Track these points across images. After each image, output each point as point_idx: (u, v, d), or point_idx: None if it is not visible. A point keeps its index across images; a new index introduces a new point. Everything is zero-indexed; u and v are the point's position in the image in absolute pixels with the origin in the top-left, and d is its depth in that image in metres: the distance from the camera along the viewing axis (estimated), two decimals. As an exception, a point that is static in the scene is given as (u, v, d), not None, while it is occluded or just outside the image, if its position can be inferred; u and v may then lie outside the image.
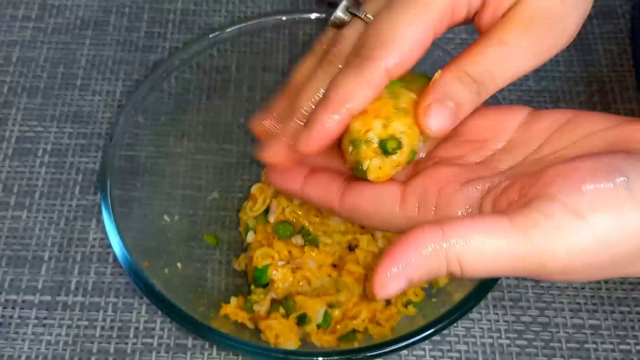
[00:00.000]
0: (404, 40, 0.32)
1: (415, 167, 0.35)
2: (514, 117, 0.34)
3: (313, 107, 0.34)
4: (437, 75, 0.33)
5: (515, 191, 0.30)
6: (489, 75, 0.32)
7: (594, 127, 0.32)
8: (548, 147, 0.32)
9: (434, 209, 0.32)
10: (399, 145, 0.33)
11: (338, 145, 0.35)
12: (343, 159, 0.35)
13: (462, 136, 0.35)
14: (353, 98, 0.32)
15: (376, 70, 0.32)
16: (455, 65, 0.33)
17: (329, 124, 0.32)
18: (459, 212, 0.32)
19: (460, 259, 0.27)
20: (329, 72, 0.34)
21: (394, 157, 0.33)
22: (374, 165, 0.34)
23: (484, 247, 0.27)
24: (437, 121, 0.32)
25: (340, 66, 0.34)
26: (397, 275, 0.28)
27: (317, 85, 0.35)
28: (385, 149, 0.33)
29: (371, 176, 0.34)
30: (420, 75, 0.35)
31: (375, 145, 0.33)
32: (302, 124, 0.34)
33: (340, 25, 0.36)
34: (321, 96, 0.34)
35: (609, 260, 0.27)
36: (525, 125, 0.34)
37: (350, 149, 0.34)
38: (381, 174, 0.34)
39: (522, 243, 0.27)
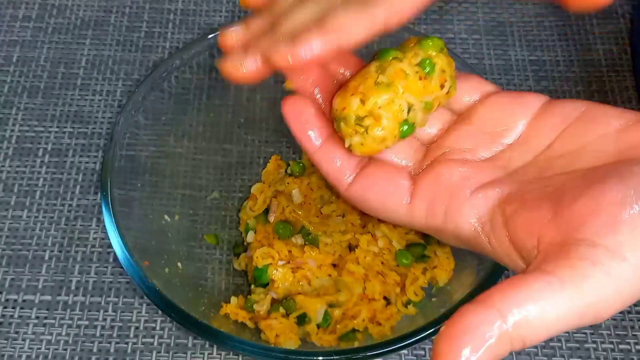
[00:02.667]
0: None
1: (427, 154, 0.35)
2: (528, 108, 0.34)
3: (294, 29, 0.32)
4: None
5: (533, 221, 0.29)
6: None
7: (606, 128, 0.31)
8: (558, 146, 0.32)
9: (442, 219, 0.32)
10: (379, 121, 0.33)
11: None
12: None
13: (474, 124, 0.35)
14: (346, 31, 0.31)
15: (377, 16, 0.31)
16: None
17: (315, 44, 0.30)
18: (470, 226, 0.31)
19: (523, 335, 0.26)
20: (320, 5, 0.32)
21: (377, 133, 0.33)
22: (355, 142, 0.34)
23: (542, 317, 0.26)
24: None
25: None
26: None
27: (305, 11, 0.33)
28: (362, 126, 0.33)
29: (356, 152, 0.34)
30: (430, 39, 0.34)
31: (353, 122, 0.33)
32: (281, 40, 0.32)
33: None
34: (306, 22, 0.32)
35: None
36: (537, 119, 0.33)
37: (334, 125, 0.34)
38: (365, 149, 0.34)
39: (578, 300, 0.26)
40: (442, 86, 0.34)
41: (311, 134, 0.35)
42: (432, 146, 0.36)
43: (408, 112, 0.34)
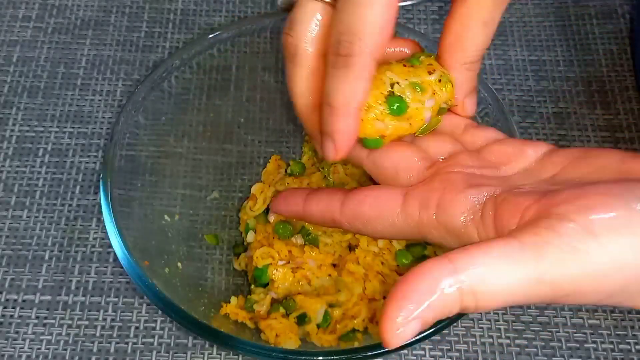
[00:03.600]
0: (374, 25, 0.31)
1: (429, 169, 0.35)
2: (535, 151, 0.34)
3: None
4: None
5: (520, 204, 0.29)
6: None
7: (607, 160, 0.31)
8: (562, 176, 0.32)
9: (435, 211, 0.32)
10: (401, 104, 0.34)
11: None
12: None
13: (481, 155, 0.35)
14: (355, 96, 0.32)
15: (363, 64, 0.32)
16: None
17: (348, 127, 0.33)
18: (461, 216, 0.31)
19: (475, 291, 0.26)
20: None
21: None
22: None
23: (497, 275, 0.26)
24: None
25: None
26: (409, 320, 0.25)
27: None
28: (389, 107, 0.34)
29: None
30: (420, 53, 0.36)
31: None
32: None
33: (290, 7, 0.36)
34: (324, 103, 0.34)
35: (620, 286, 0.26)
36: (542, 158, 0.34)
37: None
38: (361, 126, 0.34)
39: (535, 265, 0.26)
40: (430, 73, 0.35)
41: (294, 200, 0.38)
42: (433, 166, 0.36)
43: (392, 87, 0.34)
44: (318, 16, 0.34)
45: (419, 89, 0.34)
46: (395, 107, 0.34)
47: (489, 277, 0.26)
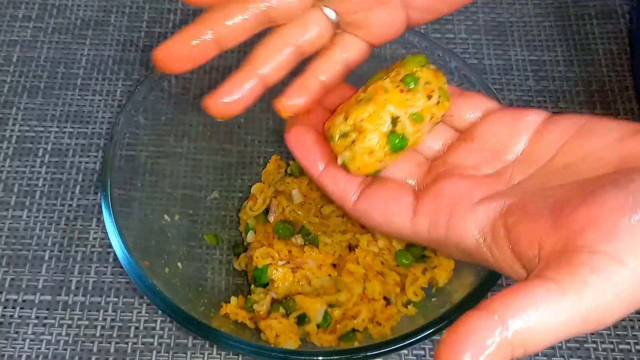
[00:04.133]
0: None
1: (430, 170, 0.36)
2: (528, 125, 0.34)
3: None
4: None
5: (535, 232, 0.29)
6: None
7: (604, 139, 0.32)
8: (559, 159, 0.33)
9: (445, 231, 0.33)
10: (363, 134, 0.33)
11: None
12: None
13: (476, 142, 0.35)
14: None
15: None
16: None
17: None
18: (473, 238, 0.32)
19: (525, 343, 0.25)
20: None
21: (364, 145, 0.34)
22: (347, 157, 0.34)
23: (544, 324, 0.25)
24: None
25: None
26: None
27: None
28: (347, 140, 0.34)
29: (351, 169, 0.35)
30: (412, 56, 0.35)
31: (338, 138, 0.34)
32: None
33: None
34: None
35: None
36: (538, 135, 0.34)
37: (330, 147, 0.35)
38: (357, 164, 0.34)
39: (579, 306, 0.26)
40: (429, 97, 0.34)
41: (314, 159, 0.37)
42: (436, 162, 0.36)
43: (394, 124, 0.34)
44: None
45: (418, 119, 0.34)
46: (397, 143, 0.34)
47: (536, 328, 0.25)
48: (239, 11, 0.35)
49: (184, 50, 0.35)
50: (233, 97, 0.35)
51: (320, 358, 0.36)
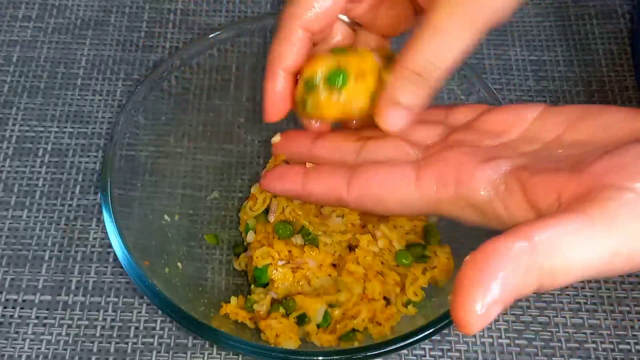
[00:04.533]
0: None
1: (427, 150, 0.35)
2: (529, 112, 0.34)
3: None
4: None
5: (553, 181, 0.28)
6: (429, 66, 0.33)
7: (611, 119, 0.31)
8: (568, 136, 0.32)
9: (454, 187, 0.31)
10: (342, 78, 0.35)
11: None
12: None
13: (476, 127, 0.35)
14: (284, 57, 0.35)
15: (293, 28, 0.35)
16: (399, 62, 0.34)
17: (277, 87, 0.36)
18: (482, 190, 0.30)
19: (554, 270, 0.24)
20: None
21: (322, 88, 0.35)
22: (310, 105, 0.36)
23: (575, 252, 0.24)
24: (394, 123, 0.34)
25: None
26: (489, 304, 0.24)
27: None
28: (329, 81, 0.35)
29: (312, 113, 0.36)
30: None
31: (320, 81, 0.35)
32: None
33: None
34: None
35: None
36: (540, 118, 0.33)
37: (298, 94, 0.36)
38: (315, 109, 0.36)
39: (609, 239, 0.25)
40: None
41: (291, 180, 0.37)
42: (434, 143, 0.35)
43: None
44: None
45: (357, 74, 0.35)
46: (340, 80, 0.35)
47: (567, 255, 0.24)
48: (291, 46, 0.36)
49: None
50: None
51: (320, 358, 0.36)
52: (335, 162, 0.36)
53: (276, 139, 0.39)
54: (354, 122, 0.38)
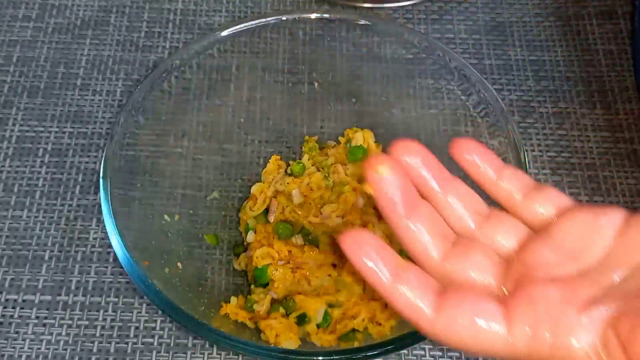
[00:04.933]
0: None
1: (509, 270, 0.32)
2: (609, 223, 0.31)
3: None
4: None
5: None
6: None
7: None
8: None
9: (550, 342, 0.29)
10: None
11: None
12: None
13: (555, 241, 0.32)
14: None
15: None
16: None
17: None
18: (582, 348, 0.28)
19: None
20: None
21: None
22: None
23: None
24: None
25: None
26: None
27: None
28: None
29: None
30: None
31: None
32: None
33: None
34: None
35: None
36: (622, 234, 0.31)
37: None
38: None
39: None
40: None
41: (376, 268, 0.31)
42: (514, 262, 0.32)
43: None
44: None
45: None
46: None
47: None
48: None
49: None
50: None
51: (320, 358, 0.36)
52: (410, 312, 0.30)
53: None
54: None
